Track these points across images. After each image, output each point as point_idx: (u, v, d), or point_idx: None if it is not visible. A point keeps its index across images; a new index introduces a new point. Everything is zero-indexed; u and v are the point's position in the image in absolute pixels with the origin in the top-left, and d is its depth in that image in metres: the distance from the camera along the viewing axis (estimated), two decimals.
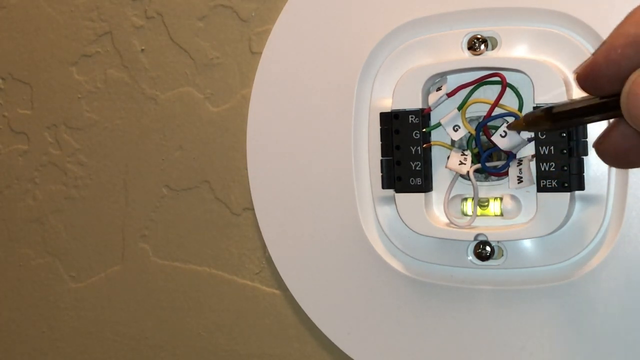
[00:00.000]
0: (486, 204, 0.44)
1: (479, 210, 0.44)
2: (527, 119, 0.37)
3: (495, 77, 0.42)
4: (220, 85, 0.52)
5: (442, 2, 0.44)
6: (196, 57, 0.52)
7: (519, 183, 0.42)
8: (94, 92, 0.55)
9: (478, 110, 0.43)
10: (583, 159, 0.41)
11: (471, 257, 0.44)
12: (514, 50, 0.42)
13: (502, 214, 0.43)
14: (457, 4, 0.43)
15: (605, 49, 0.29)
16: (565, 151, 0.40)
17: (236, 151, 0.51)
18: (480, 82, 0.43)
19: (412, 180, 0.44)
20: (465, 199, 0.44)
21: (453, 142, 0.44)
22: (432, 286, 0.45)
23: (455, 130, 0.43)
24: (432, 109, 0.44)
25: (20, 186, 0.59)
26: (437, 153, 0.44)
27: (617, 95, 0.29)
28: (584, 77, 0.30)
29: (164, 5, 0.53)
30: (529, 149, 0.42)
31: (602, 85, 0.30)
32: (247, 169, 0.50)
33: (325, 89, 0.47)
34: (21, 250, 0.59)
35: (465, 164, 0.43)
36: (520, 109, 0.42)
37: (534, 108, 0.41)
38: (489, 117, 0.42)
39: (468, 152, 0.43)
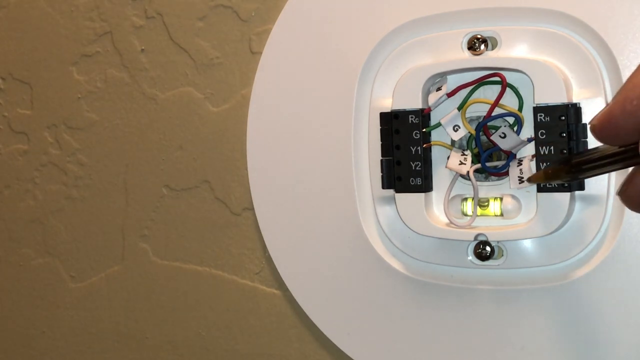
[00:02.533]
0: (486, 204, 0.44)
1: (479, 210, 0.44)
2: (547, 172, 0.37)
3: (495, 77, 0.42)
4: (220, 85, 0.52)
5: (442, 2, 0.44)
6: (196, 57, 0.52)
7: (519, 183, 0.42)
8: (94, 92, 0.55)
9: (478, 110, 0.43)
10: (575, 154, 0.41)
11: (471, 257, 0.44)
12: (514, 50, 0.42)
13: (502, 214, 0.43)
14: (457, 4, 0.43)
15: (621, 101, 0.29)
16: (565, 151, 0.40)
17: (236, 151, 0.51)
18: (480, 82, 0.43)
19: (412, 180, 0.44)
20: (465, 199, 0.44)
21: (453, 142, 0.44)
22: (432, 286, 0.45)
23: (455, 130, 0.43)
24: (432, 109, 0.44)
25: (20, 186, 0.59)
26: (437, 153, 0.44)
27: (635, 144, 0.29)
28: (600, 129, 0.30)
29: (164, 5, 0.53)
30: (529, 149, 0.42)
31: (619, 136, 0.30)
32: (247, 169, 0.50)
33: (325, 89, 0.47)
34: (21, 250, 0.59)
35: (465, 164, 0.43)
36: (520, 109, 0.42)
37: (534, 108, 0.41)
38: (489, 117, 0.42)
39: (468, 152, 0.43)
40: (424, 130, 0.44)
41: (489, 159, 0.43)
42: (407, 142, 0.44)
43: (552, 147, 0.40)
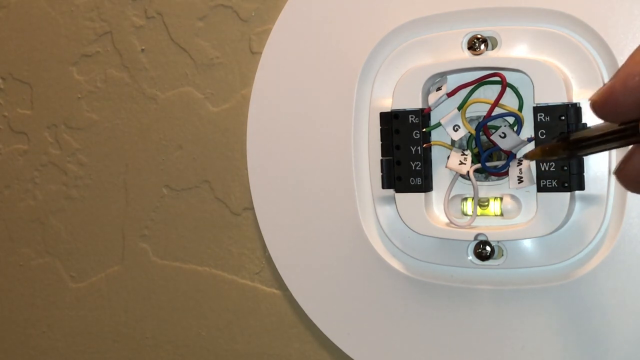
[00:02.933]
0: (486, 203, 0.44)
1: (479, 210, 0.44)
2: (544, 148, 0.37)
3: (495, 77, 0.42)
4: (220, 85, 0.52)
5: (442, 2, 0.44)
6: (196, 57, 0.52)
7: (519, 183, 0.42)
8: (94, 92, 0.55)
9: (478, 110, 0.43)
10: (583, 158, 0.41)
11: (471, 257, 0.44)
12: (514, 50, 0.42)
13: (502, 214, 0.43)
14: (457, 4, 0.43)
15: (623, 77, 0.29)
16: None
17: (236, 151, 0.51)
18: (480, 82, 0.43)
19: (412, 180, 0.44)
20: (465, 199, 0.44)
21: (453, 142, 0.44)
22: (432, 286, 0.45)
23: (455, 130, 0.43)
24: (432, 108, 0.44)
25: (20, 186, 0.59)
26: (437, 153, 0.44)
27: (635, 121, 0.29)
28: (601, 105, 0.30)
29: (164, 5, 0.53)
30: (529, 149, 0.42)
31: (619, 112, 0.30)
32: (247, 169, 0.50)
33: (325, 89, 0.47)
34: (21, 250, 0.59)
35: (465, 163, 0.43)
36: (520, 108, 0.42)
37: (534, 108, 0.41)
38: (489, 117, 0.42)
39: (468, 152, 0.43)
40: (424, 130, 0.44)
41: (489, 159, 0.43)
42: (407, 142, 0.44)
43: None
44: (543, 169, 0.41)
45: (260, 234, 0.50)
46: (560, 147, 0.36)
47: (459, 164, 0.43)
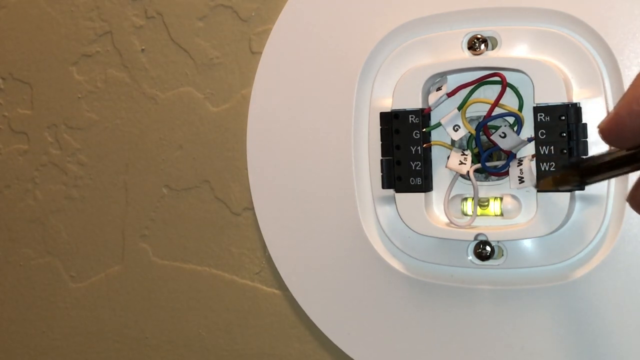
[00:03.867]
0: (486, 203, 0.44)
1: (479, 210, 0.44)
2: (555, 177, 0.38)
3: (495, 77, 0.42)
4: (220, 85, 0.52)
5: (442, 2, 0.44)
6: (196, 57, 0.52)
7: (520, 183, 0.42)
8: (94, 92, 0.55)
9: (478, 110, 0.43)
10: (583, 158, 0.41)
11: (471, 257, 0.44)
12: (514, 50, 0.42)
13: (502, 214, 0.43)
14: (457, 4, 0.43)
15: (627, 102, 0.29)
16: (565, 151, 0.40)
17: (236, 151, 0.51)
18: (480, 82, 0.43)
19: (412, 180, 0.44)
20: (465, 199, 0.44)
21: (453, 142, 0.44)
22: (432, 286, 0.45)
23: (455, 130, 0.43)
24: (432, 108, 0.44)
25: (20, 186, 0.59)
26: (437, 153, 0.44)
27: None
28: (608, 132, 0.30)
29: (164, 5, 0.53)
30: (529, 149, 0.42)
31: (627, 138, 0.30)
32: (247, 169, 0.50)
33: (325, 89, 0.47)
34: (21, 250, 0.59)
35: (465, 163, 0.43)
36: (520, 108, 0.42)
37: (534, 108, 0.41)
38: (489, 117, 0.42)
39: (468, 152, 0.43)
40: (424, 130, 0.44)
41: (489, 159, 0.43)
42: (407, 142, 0.44)
43: (552, 147, 0.40)
44: (543, 169, 0.41)
45: (260, 234, 0.50)
46: (571, 174, 0.36)
47: (459, 164, 0.43)
